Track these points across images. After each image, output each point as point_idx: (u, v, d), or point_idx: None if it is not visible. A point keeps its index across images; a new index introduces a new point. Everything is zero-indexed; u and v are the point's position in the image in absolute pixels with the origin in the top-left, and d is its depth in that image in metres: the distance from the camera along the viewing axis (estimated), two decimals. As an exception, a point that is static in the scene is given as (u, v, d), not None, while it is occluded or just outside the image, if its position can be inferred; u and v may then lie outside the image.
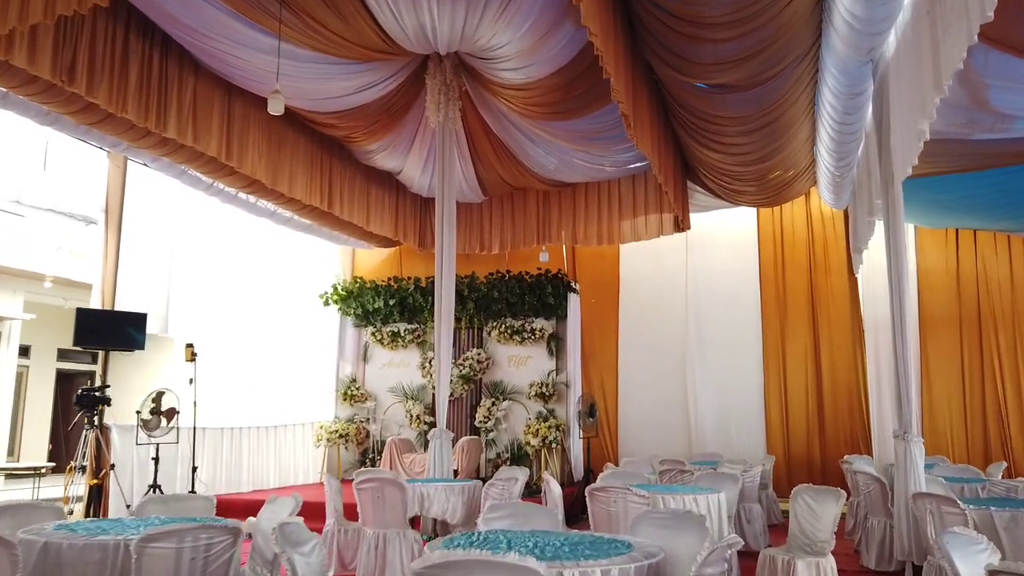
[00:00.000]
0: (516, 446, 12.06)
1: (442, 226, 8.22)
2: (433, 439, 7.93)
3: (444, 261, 8.19)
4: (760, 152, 8.68)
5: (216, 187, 10.00)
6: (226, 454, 10.78)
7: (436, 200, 8.42)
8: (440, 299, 8.24)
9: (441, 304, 8.21)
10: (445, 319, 8.16)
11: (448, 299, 8.21)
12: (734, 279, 11.95)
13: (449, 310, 8.25)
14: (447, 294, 8.18)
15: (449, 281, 8.23)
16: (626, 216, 11.28)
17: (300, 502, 4.72)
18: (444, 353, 8.13)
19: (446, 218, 8.19)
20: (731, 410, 11.69)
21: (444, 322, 8.17)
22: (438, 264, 8.33)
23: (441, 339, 8.15)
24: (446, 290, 8.16)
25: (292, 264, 12.96)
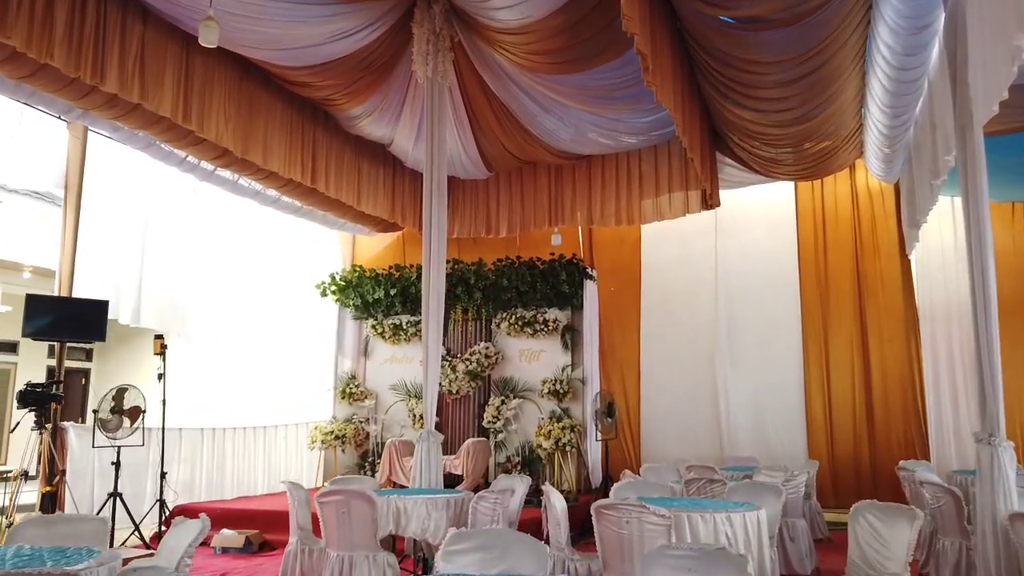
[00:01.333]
0: (527, 449, 10.92)
1: (431, 199, 7.12)
2: (420, 442, 6.83)
3: (433, 241, 7.10)
4: (800, 109, 7.47)
5: (190, 162, 9.01)
6: (206, 458, 9.80)
7: (424, 169, 7.32)
8: (428, 286, 7.16)
9: (429, 291, 7.12)
10: (434, 309, 7.08)
11: (437, 286, 7.13)
12: (769, 264, 10.70)
13: (439, 298, 7.17)
14: (436, 279, 7.10)
15: (439, 264, 7.15)
16: (648, 193, 10.09)
17: (207, 525, 3.65)
18: (432, 343, 7.05)
19: (435, 190, 7.09)
20: (767, 409, 10.45)
21: (433, 313, 7.09)
22: (425, 245, 7.24)
23: (429, 330, 7.06)
24: (435, 274, 7.09)
25: (286, 252, 11.99)
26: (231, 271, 10.95)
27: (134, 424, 8.12)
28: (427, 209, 7.20)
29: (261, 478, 10.69)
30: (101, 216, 8.92)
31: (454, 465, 10.57)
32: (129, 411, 8.11)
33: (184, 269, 10.20)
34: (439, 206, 7.07)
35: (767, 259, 10.71)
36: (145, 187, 9.49)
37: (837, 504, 9.73)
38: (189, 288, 10.23)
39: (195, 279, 10.44)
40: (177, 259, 10.05)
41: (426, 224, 7.15)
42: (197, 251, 10.38)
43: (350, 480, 6.68)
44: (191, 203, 10.20)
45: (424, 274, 7.19)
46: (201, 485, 9.64)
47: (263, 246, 11.54)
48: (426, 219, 7.17)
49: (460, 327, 11.76)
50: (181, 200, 10.06)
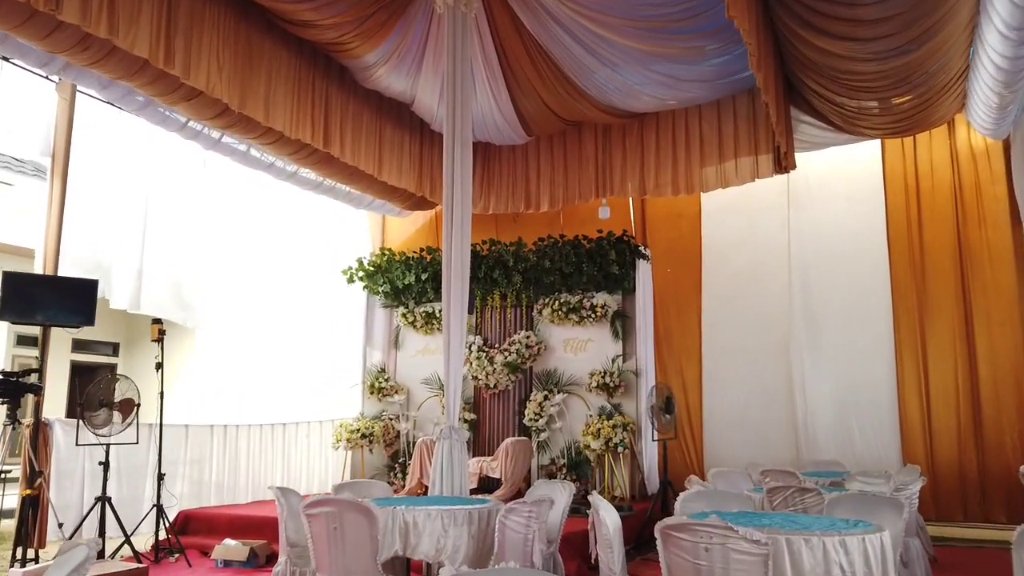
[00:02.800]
0: (574, 449, 9.70)
1: (453, 154, 5.99)
2: (440, 440, 5.68)
3: (456, 206, 5.98)
4: (902, 36, 6.11)
5: (192, 128, 8.05)
6: (217, 458, 8.81)
7: (445, 121, 6.18)
8: (448, 254, 6.05)
9: (451, 268, 6.01)
10: (457, 288, 5.98)
11: (460, 253, 6.02)
12: (853, 239, 9.28)
13: (463, 273, 6.06)
14: (459, 251, 6.00)
15: (462, 230, 6.05)
16: (710, 157, 8.79)
17: (93, 552, 2.55)
18: (455, 323, 5.93)
19: (458, 144, 5.97)
20: (852, 406, 9.02)
21: (456, 288, 6.02)
22: (447, 213, 6.13)
23: (451, 309, 5.95)
24: (456, 245, 5.98)
25: (309, 234, 11.01)
26: (246, 254, 10.01)
27: (127, 419, 7.15)
28: (448, 172, 6.09)
29: (279, 481, 9.67)
30: (93, 189, 8.02)
31: (491, 467, 9.43)
32: (120, 404, 7.14)
33: (192, 251, 9.28)
34: (462, 162, 5.95)
35: (849, 234, 9.28)
36: (145, 158, 8.57)
37: (938, 517, 8.32)
38: (198, 272, 9.31)
39: (205, 262, 9.51)
40: (184, 240, 9.13)
41: (446, 193, 6.04)
42: (207, 231, 9.45)
43: (357, 485, 5.57)
44: (200, 177, 9.27)
45: (444, 241, 6.11)
46: (210, 488, 8.66)
47: (283, 227, 10.59)
48: (446, 184, 6.06)
49: (498, 315, 10.61)
50: (188, 174, 9.14)
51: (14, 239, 11.31)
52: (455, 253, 5.99)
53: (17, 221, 11.55)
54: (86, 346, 14.84)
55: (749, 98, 8.61)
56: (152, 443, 7.80)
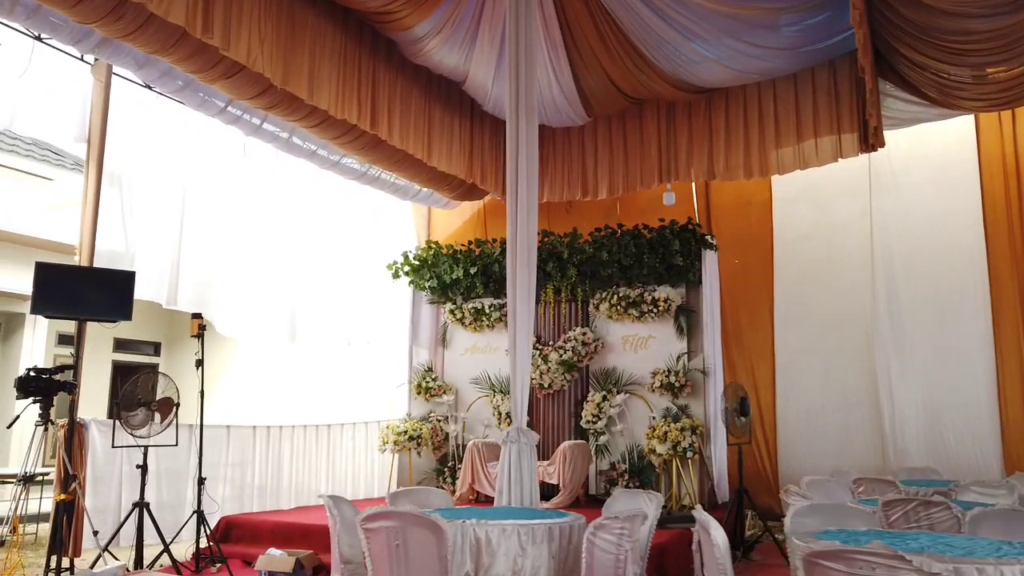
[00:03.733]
0: (636, 454, 9.04)
1: (517, 132, 5.43)
2: (507, 443, 5.09)
3: (521, 191, 5.44)
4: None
5: (232, 113, 7.60)
6: (259, 461, 8.35)
7: (508, 96, 5.61)
8: (514, 248, 5.48)
9: (515, 255, 5.44)
10: (523, 280, 5.43)
11: (527, 242, 5.43)
12: (944, 228, 8.49)
13: (529, 265, 5.49)
14: (525, 241, 5.43)
15: (528, 223, 5.48)
16: (787, 136, 8.08)
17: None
18: (522, 319, 5.36)
19: (523, 121, 5.40)
20: (945, 409, 8.24)
21: (523, 286, 5.47)
22: (511, 199, 5.58)
23: (517, 305, 5.38)
24: (523, 234, 5.42)
25: (352, 228, 10.52)
26: (287, 248, 9.52)
27: (166, 420, 6.69)
28: (511, 155, 5.52)
29: (324, 485, 9.19)
30: (129, 178, 7.60)
31: (548, 472, 8.83)
32: (159, 403, 6.69)
33: (231, 244, 8.81)
34: (527, 141, 5.38)
35: (940, 223, 8.49)
36: (183, 146, 8.14)
37: None
38: (237, 267, 8.83)
39: (244, 256, 9.03)
40: (223, 232, 8.67)
41: (510, 177, 5.47)
42: (247, 224, 8.97)
43: (414, 492, 5.01)
44: (239, 167, 8.82)
45: (509, 230, 5.53)
46: (253, 493, 8.19)
47: (325, 220, 10.10)
48: (510, 169, 5.49)
49: (552, 310, 10.00)
50: (227, 163, 8.69)
51: (55, 235, 11.04)
52: (521, 242, 5.45)
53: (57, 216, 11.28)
54: (127, 345, 14.58)
55: (829, 71, 7.89)
56: (192, 445, 7.36)
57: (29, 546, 7.62)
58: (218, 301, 8.72)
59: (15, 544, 6.11)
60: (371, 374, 11.11)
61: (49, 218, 11.07)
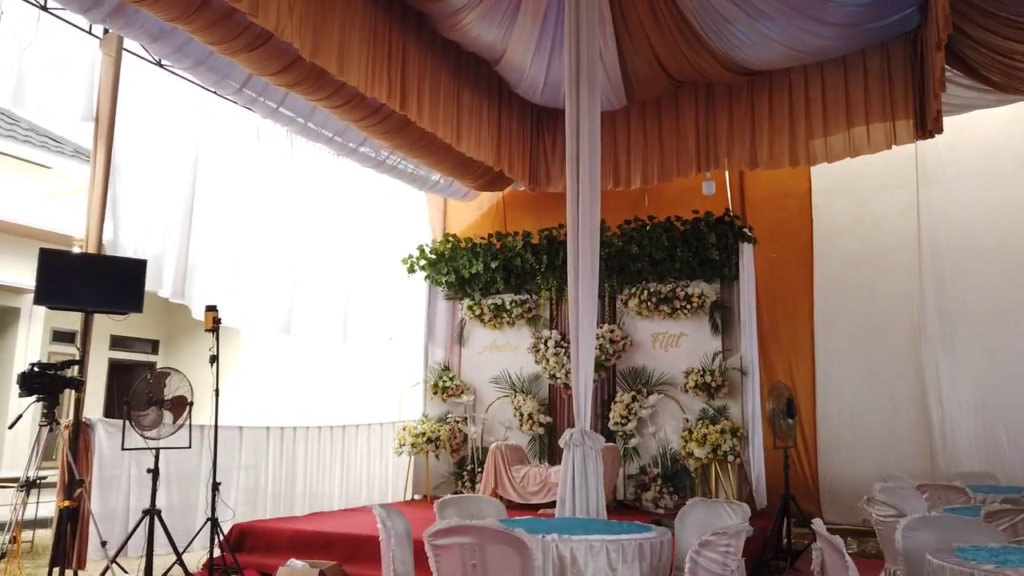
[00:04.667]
0: (670, 457, 8.60)
1: (577, 111, 5.04)
2: (570, 447, 4.64)
3: (584, 172, 5.05)
4: None
5: (248, 94, 7.12)
6: (273, 464, 7.85)
7: (567, 75, 5.17)
8: (576, 238, 5.07)
9: (578, 248, 5.04)
10: (586, 264, 4.98)
11: (591, 234, 5.04)
12: (995, 221, 8.09)
13: (592, 255, 5.06)
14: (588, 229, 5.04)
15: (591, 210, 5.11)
16: (835, 122, 7.66)
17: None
18: (586, 310, 4.93)
19: (584, 98, 5.03)
20: (1000, 412, 7.83)
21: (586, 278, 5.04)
22: (571, 182, 5.16)
23: (581, 298, 4.95)
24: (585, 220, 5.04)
25: (367, 219, 10.02)
26: (300, 239, 9.00)
27: (178, 420, 6.19)
28: (571, 125, 5.12)
29: (338, 489, 8.70)
30: (136, 163, 7.08)
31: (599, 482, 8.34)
32: (172, 402, 6.19)
33: (242, 234, 8.30)
34: (590, 119, 4.99)
35: (991, 215, 8.09)
36: (195, 129, 7.62)
37: None
38: (248, 258, 8.31)
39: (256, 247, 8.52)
40: (234, 221, 8.16)
41: (570, 148, 5.07)
42: (259, 213, 8.46)
43: (464, 501, 4.53)
44: (253, 153, 8.31)
45: (569, 218, 5.13)
46: (267, 498, 7.69)
47: (339, 211, 9.59)
48: (570, 139, 5.08)
49: (578, 307, 9.54)
50: (240, 147, 8.18)
51: (52, 225, 10.51)
52: (584, 228, 5.02)
53: (54, 206, 10.75)
54: (124, 343, 14.02)
55: (882, 54, 7.48)
56: (204, 447, 6.86)
57: (25, 555, 7.09)
58: (228, 294, 8.21)
59: (15, 555, 5.61)
60: (383, 373, 10.63)
61: (46, 207, 10.53)
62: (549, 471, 8.52)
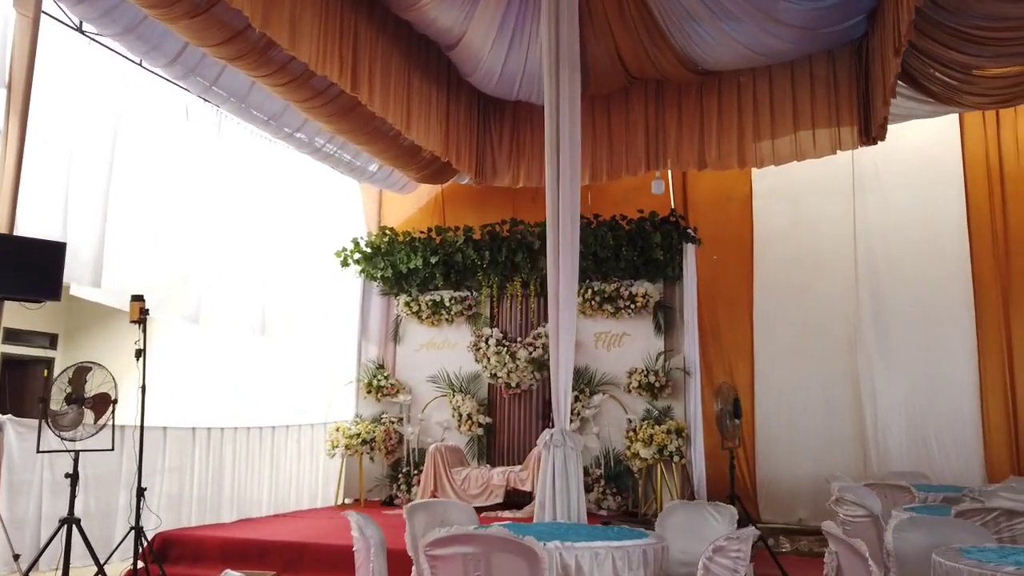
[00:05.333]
0: (613, 458, 8.52)
1: (557, 95, 4.87)
2: (549, 448, 4.43)
3: (563, 158, 4.91)
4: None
5: (183, 64, 6.58)
6: (199, 467, 7.30)
7: (545, 58, 5.00)
8: (556, 229, 4.93)
9: (559, 238, 4.87)
10: (567, 256, 4.82)
11: (571, 225, 4.92)
12: (928, 229, 8.38)
13: (572, 244, 4.89)
14: (568, 219, 4.91)
15: (572, 199, 4.96)
16: (783, 126, 7.76)
17: None
18: (566, 304, 4.74)
19: (564, 84, 4.93)
20: (929, 414, 8.11)
21: (566, 271, 4.86)
22: (551, 168, 4.99)
23: (562, 290, 4.77)
24: (566, 210, 4.93)
25: (298, 210, 9.50)
26: (226, 227, 8.41)
27: (100, 419, 5.63)
28: (550, 110, 4.94)
29: (267, 494, 8.20)
30: (49, 138, 6.41)
31: (520, 479, 8.20)
32: (93, 400, 5.62)
33: (165, 219, 7.66)
34: (571, 103, 4.81)
35: (924, 223, 8.38)
36: (116, 103, 6.97)
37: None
38: (170, 245, 7.67)
39: (179, 233, 7.88)
40: (156, 206, 7.52)
41: (550, 133, 4.88)
42: (183, 197, 7.83)
43: (432, 506, 4.25)
44: (180, 131, 7.71)
45: (549, 209, 4.98)
46: (192, 504, 7.14)
47: (267, 199, 9.01)
48: (549, 125, 4.91)
49: (519, 304, 9.38)
50: (167, 126, 7.57)
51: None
52: (564, 222, 4.85)
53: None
54: (18, 336, 12.87)
55: (828, 59, 7.63)
56: (126, 449, 6.29)
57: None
58: (148, 283, 7.57)
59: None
60: (312, 371, 10.13)
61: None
62: (492, 473, 8.30)
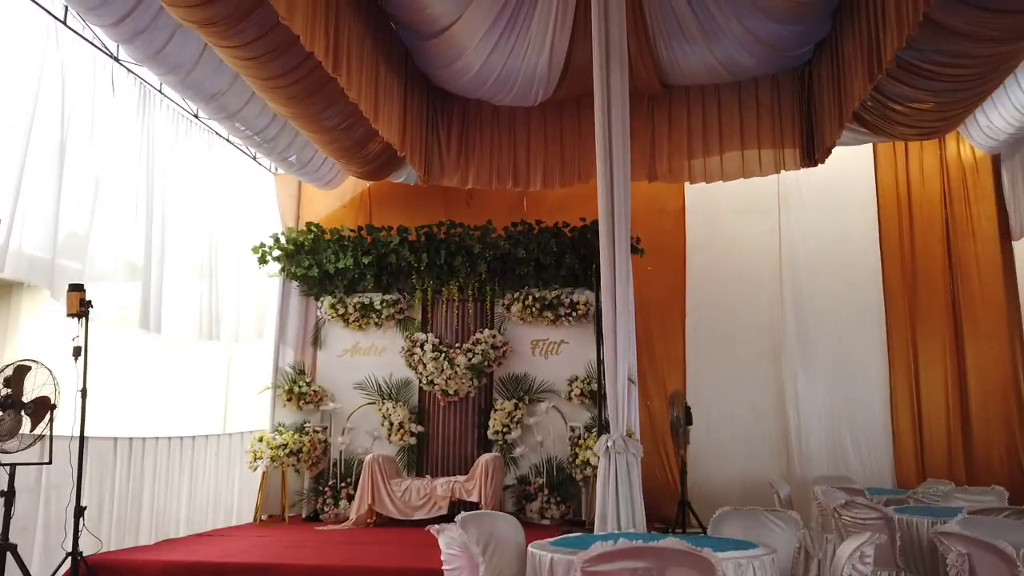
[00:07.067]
0: (554, 467, 8.43)
1: (607, 94, 4.97)
2: (610, 455, 4.25)
3: (620, 160, 4.90)
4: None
5: (133, 25, 5.82)
6: (120, 482, 6.43)
7: (595, 63, 5.10)
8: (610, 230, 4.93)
9: (612, 238, 4.84)
10: (622, 259, 4.79)
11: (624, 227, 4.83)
12: (846, 248, 9.00)
13: (626, 245, 4.86)
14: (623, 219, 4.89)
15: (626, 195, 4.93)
16: (730, 141, 8.09)
17: None
18: (622, 306, 4.74)
19: (616, 81, 4.94)
20: (846, 421, 8.68)
21: (622, 272, 4.90)
22: (602, 168, 4.94)
23: (618, 294, 4.81)
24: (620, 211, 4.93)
25: (212, 202, 8.59)
26: (146, 214, 7.52)
27: (37, 426, 4.81)
28: (600, 106, 4.81)
29: (184, 511, 7.37)
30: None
31: (466, 489, 7.93)
32: (33, 405, 4.79)
33: (83, 200, 6.71)
34: (622, 100, 4.77)
35: (843, 243, 8.99)
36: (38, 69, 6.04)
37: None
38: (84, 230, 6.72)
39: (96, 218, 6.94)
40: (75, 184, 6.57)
41: (600, 133, 4.80)
42: (105, 177, 6.91)
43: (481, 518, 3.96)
44: (105, 108, 6.79)
45: (602, 209, 4.97)
46: (112, 523, 6.26)
47: (182, 187, 8.13)
48: (600, 124, 4.81)
49: (454, 310, 9.09)
50: (88, 102, 6.63)
51: None
52: (619, 224, 4.73)
53: None
54: None
55: (773, 85, 8.05)
56: (58, 462, 5.42)
57: None
58: (58, 271, 6.59)
59: None
60: (225, 376, 9.32)
61: None
62: (435, 484, 7.96)
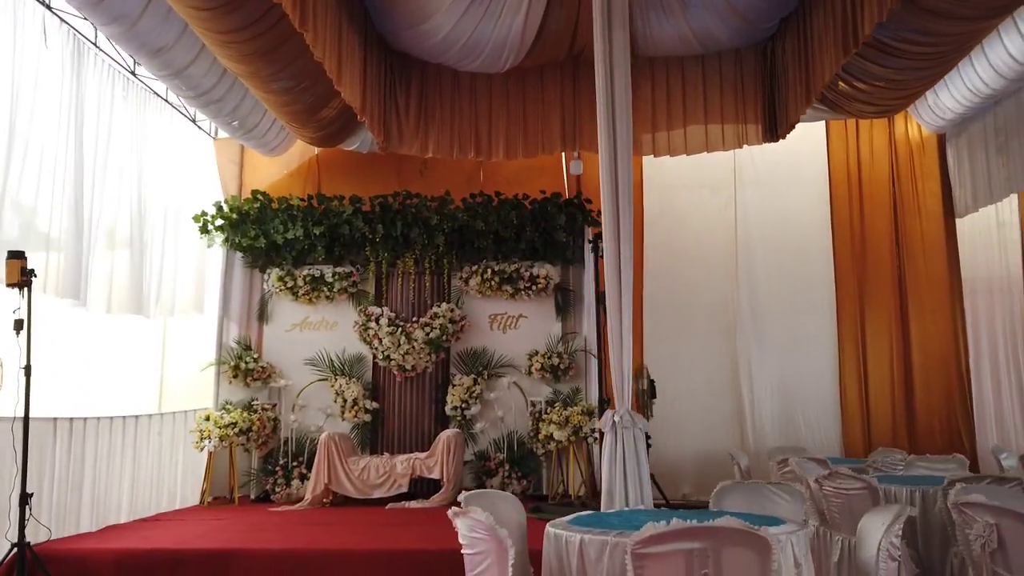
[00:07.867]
0: (515, 442, 8.32)
1: (609, 58, 4.87)
2: (617, 431, 4.12)
3: (623, 127, 4.84)
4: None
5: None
6: (60, 465, 5.96)
7: (596, 25, 5.15)
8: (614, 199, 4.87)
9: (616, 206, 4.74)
10: (626, 228, 4.75)
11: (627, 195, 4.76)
12: (799, 225, 9.13)
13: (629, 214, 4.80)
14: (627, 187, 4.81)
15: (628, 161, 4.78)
16: (694, 115, 8.05)
17: None
18: (627, 278, 4.63)
19: (618, 43, 4.91)
20: (797, 395, 8.85)
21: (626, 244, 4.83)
22: (604, 137, 4.75)
23: (622, 265, 4.62)
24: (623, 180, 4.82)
25: (150, 167, 8.00)
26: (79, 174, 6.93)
27: (-25, 408, 4.35)
28: (601, 73, 4.67)
29: (127, 495, 6.92)
30: None
31: (427, 466, 7.76)
32: (-33, 384, 4.33)
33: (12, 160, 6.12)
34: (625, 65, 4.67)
35: (796, 220, 9.11)
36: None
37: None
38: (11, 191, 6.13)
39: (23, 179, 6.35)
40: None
41: (602, 98, 4.67)
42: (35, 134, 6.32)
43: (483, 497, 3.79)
44: (34, 58, 6.20)
45: (604, 177, 4.94)
46: (52, 510, 5.79)
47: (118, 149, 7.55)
48: (601, 89, 4.70)
49: (411, 283, 8.82)
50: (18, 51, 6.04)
51: None
52: (623, 191, 4.59)
53: None
54: None
55: (736, 60, 8.03)
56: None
57: None
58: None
59: None
60: (156, 352, 8.78)
61: None
62: (394, 461, 7.74)
